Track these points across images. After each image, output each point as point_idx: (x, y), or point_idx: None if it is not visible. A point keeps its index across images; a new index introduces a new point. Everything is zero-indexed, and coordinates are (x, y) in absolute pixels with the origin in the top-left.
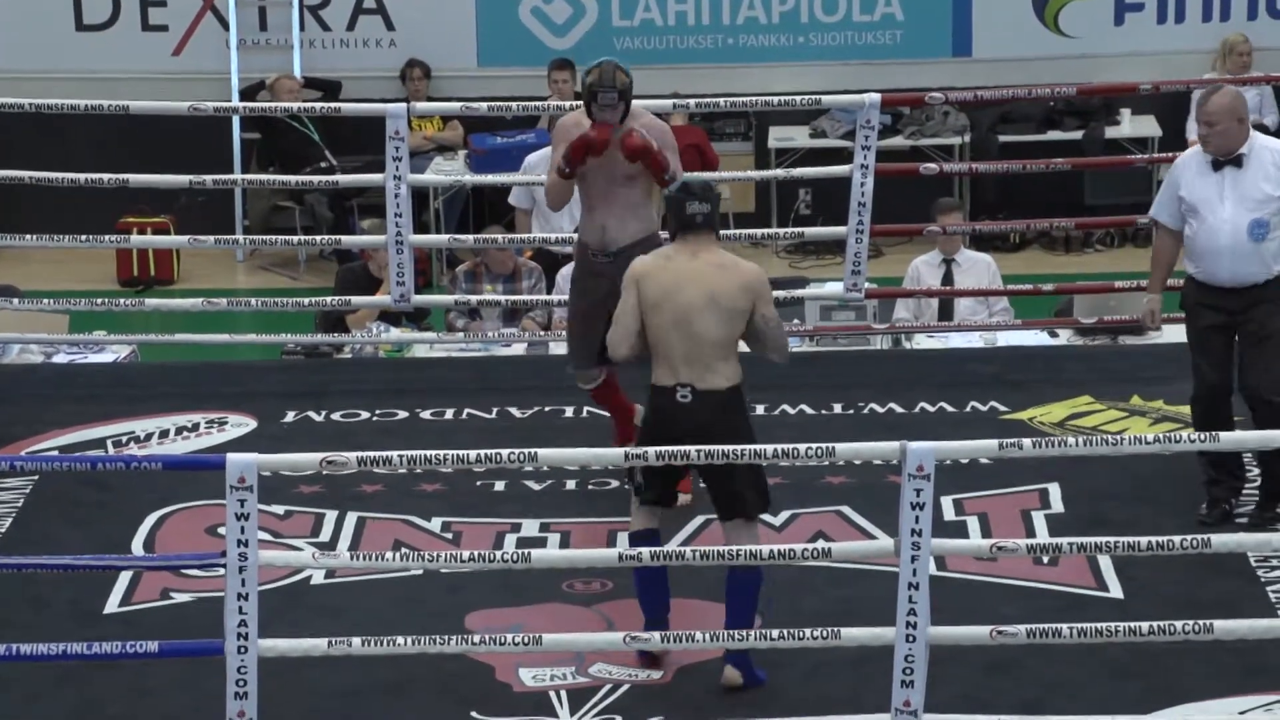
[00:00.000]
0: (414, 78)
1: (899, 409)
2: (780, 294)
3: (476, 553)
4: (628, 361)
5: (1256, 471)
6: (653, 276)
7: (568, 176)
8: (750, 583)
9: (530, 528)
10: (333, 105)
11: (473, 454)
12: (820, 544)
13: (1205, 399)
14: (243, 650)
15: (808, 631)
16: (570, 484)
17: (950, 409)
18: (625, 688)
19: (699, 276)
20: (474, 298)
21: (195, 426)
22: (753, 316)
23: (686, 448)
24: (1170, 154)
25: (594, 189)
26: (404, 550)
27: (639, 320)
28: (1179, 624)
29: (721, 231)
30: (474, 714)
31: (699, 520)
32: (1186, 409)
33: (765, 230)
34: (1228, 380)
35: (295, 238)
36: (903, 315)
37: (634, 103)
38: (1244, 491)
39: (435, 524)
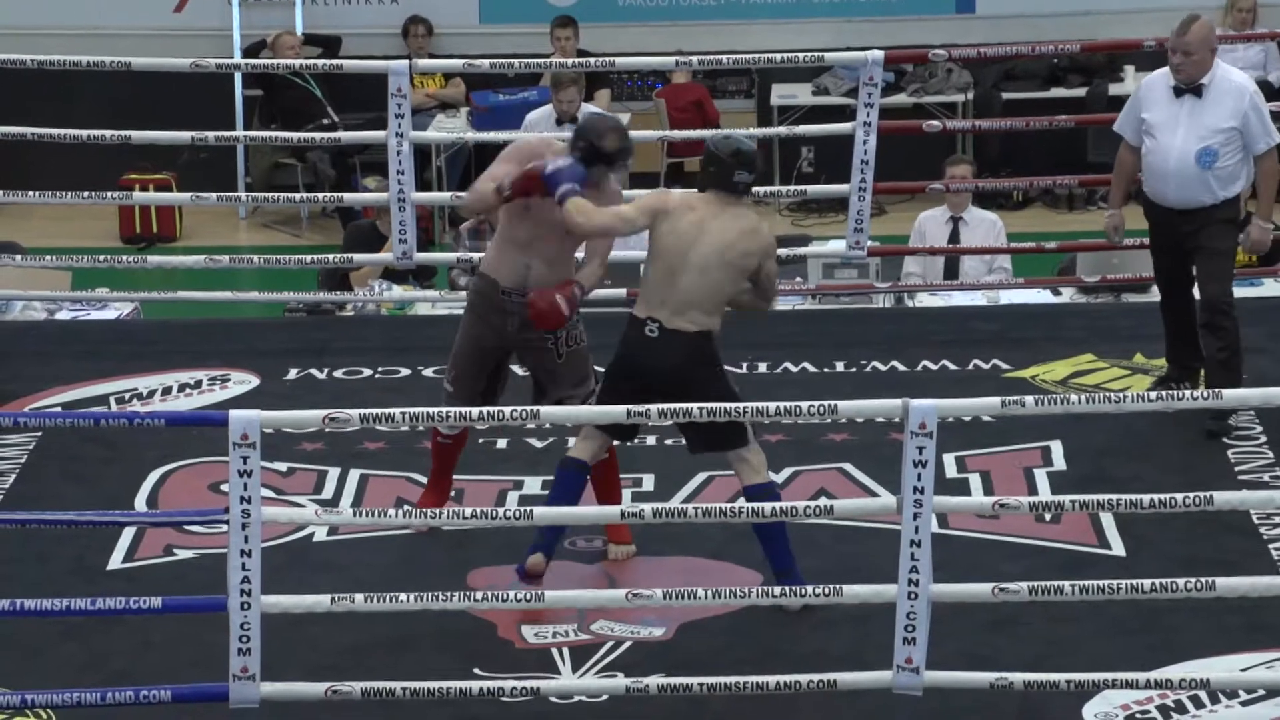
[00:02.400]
0: (417, 34)
1: (901, 367)
2: (783, 252)
3: (479, 510)
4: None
5: None
6: (674, 216)
7: (505, 200)
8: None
9: (532, 485)
10: (335, 62)
11: (475, 411)
12: (822, 501)
13: (1165, 302)
14: (246, 606)
15: (810, 588)
16: (572, 442)
17: (953, 367)
18: (627, 645)
19: (716, 232)
20: (477, 255)
21: (198, 383)
22: (758, 273)
23: (690, 404)
24: None
25: (527, 226)
26: (406, 508)
27: (627, 229)
28: (1181, 581)
29: None
30: (476, 670)
31: (701, 477)
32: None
33: (768, 188)
34: (1184, 288)
35: (297, 195)
36: (913, 270)
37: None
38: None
39: None
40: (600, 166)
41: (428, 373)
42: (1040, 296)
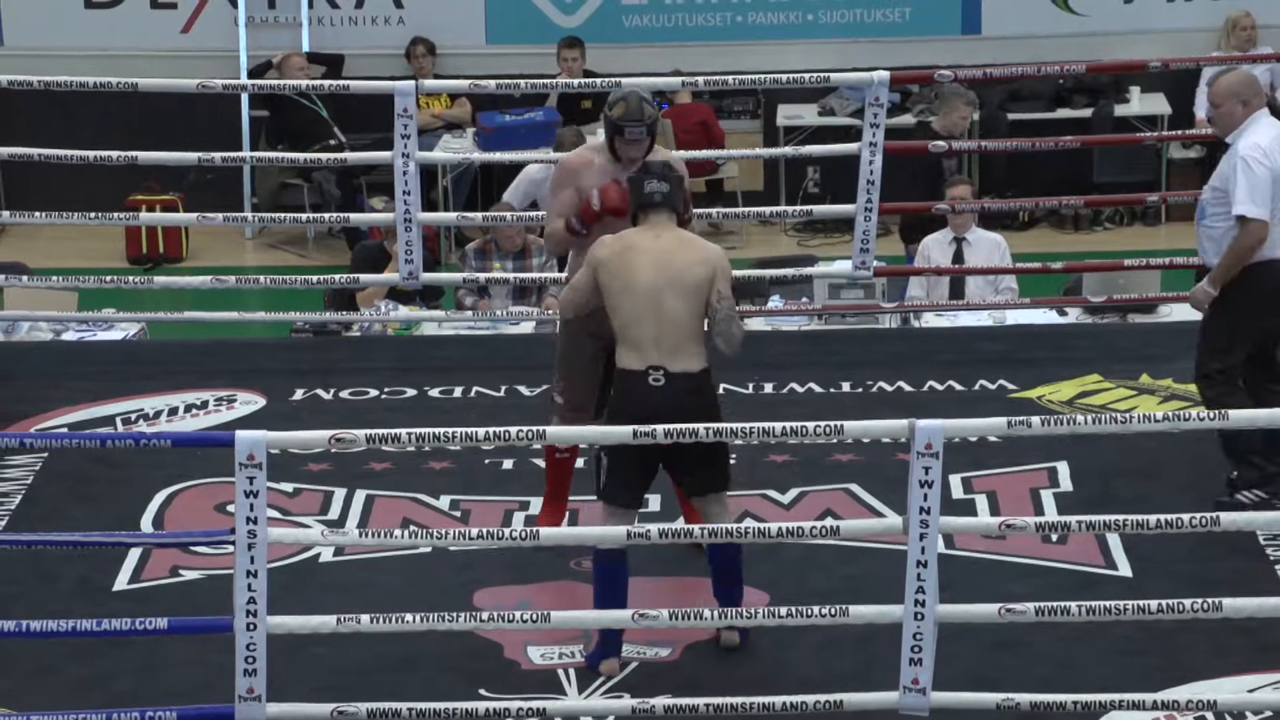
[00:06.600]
0: (417, 55)
1: (907, 387)
2: (789, 272)
3: (485, 530)
4: (577, 317)
5: None
6: (615, 258)
7: (584, 235)
8: (732, 554)
9: (538, 506)
10: (341, 83)
11: (481, 432)
12: (829, 522)
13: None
14: (252, 627)
15: (816, 609)
16: (578, 462)
17: (959, 387)
18: (633, 665)
19: (661, 257)
20: (483, 275)
21: (204, 404)
22: (709, 293)
23: (695, 425)
24: (1180, 132)
25: (602, 232)
26: (412, 528)
27: (592, 296)
28: (1188, 602)
29: (730, 210)
30: (482, 691)
31: None
32: (1195, 387)
33: (773, 208)
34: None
35: (304, 215)
36: (916, 293)
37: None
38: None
39: (444, 502)
40: (619, 140)
41: (434, 393)
42: (1046, 317)
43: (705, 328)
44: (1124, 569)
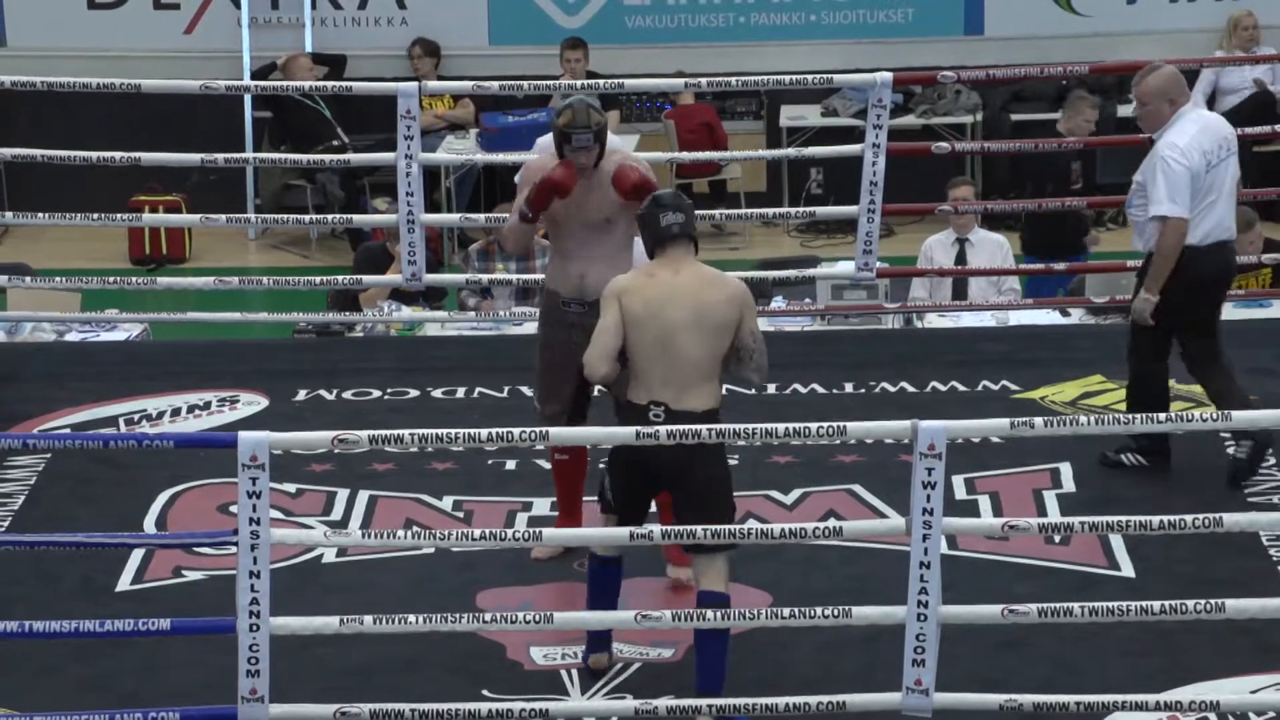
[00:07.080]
0: (415, 56)
1: (910, 388)
2: (792, 273)
3: (488, 531)
4: (605, 381)
5: None
6: (635, 293)
7: (531, 221)
8: (719, 633)
9: (541, 506)
10: (344, 84)
11: (484, 433)
12: (831, 523)
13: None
14: (254, 628)
15: (819, 610)
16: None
17: (962, 388)
18: (636, 666)
19: (685, 292)
20: (486, 276)
21: (207, 405)
22: (739, 330)
23: (698, 426)
24: None
25: (569, 235)
26: (415, 529)
27: (620, 339)
28: (1190, 603)
29: (733, 211)
30: (485, 692)
31: None
32: (1197, 388)
33: (776, 209)
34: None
35: (307, 216)
36: (919, 294)
37: (610, 139)
38: None
39: (447, 503)
40: (567, 148)
41: (436, 394)
42: (1049, 317)
43: (724, 364)
44: (1127, 570)
